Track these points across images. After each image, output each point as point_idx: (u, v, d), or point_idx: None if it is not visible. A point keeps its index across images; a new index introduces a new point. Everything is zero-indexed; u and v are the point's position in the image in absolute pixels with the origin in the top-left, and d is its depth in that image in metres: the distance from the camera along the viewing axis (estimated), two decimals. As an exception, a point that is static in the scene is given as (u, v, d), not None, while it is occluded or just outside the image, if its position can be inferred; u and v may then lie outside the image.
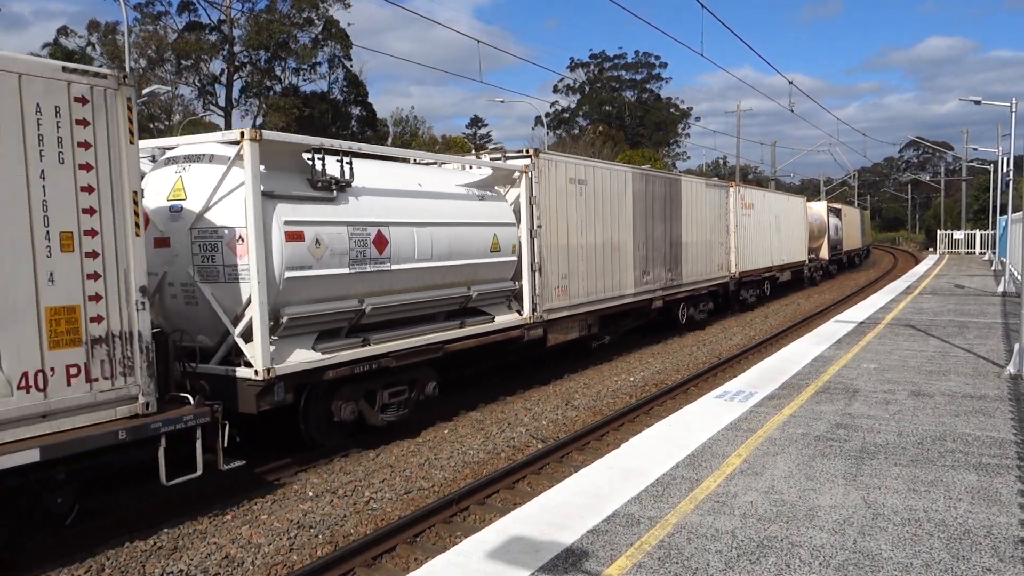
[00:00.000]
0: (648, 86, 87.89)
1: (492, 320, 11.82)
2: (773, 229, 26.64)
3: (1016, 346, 10.22)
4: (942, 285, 24.51)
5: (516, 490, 8.37)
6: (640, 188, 16.52)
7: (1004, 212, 32.18)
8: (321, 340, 9.05)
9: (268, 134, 8.32)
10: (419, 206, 10.35)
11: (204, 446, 7.20)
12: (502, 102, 62.21)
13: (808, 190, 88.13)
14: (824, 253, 36.48)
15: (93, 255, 6.44)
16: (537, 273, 12.56)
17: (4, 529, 6.25)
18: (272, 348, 8.23)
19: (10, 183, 5.87)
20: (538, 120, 79.27)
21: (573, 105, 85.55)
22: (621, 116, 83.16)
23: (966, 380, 9.70)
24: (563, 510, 5.64)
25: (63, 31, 43.14)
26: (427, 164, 12.61)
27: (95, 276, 6.45)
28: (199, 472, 7.13)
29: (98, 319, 6.47)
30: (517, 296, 12.47)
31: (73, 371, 6.29)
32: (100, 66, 40.88)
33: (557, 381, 13.89)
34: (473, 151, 53.14)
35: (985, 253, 45.67)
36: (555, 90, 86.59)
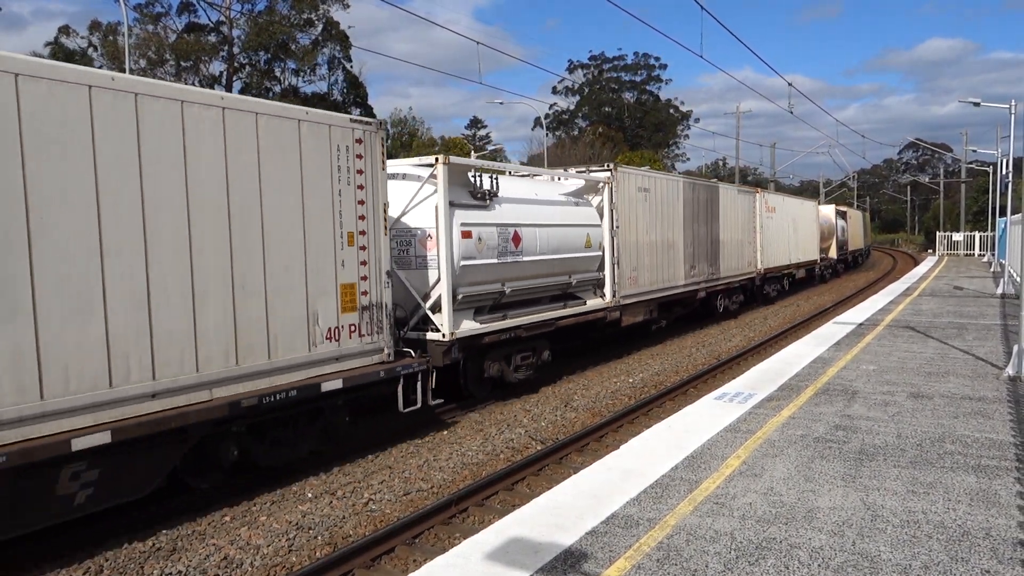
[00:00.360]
0: (647, 87, 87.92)
1: (584, 303, 14.46)
2: (791, 230, 29.24)
3: (1015, 348, 10.22)
4: (941, 287, 24.53)
5: (515, 491, 8.37)
6: (688, 194, 19.27)
7: (1003, 214, 32.21)
8: (477, 314, 11.81)
9: (453, 159, 11.13)
10: (537, 211, 13.19)
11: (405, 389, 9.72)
12: (501, 103, 62.24)
13: (807, 191, 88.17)
14: (833, 252, 38.78)
15: (363, 248, 9.20)
16: (616, 265, 15.27)
17: (312, 439, 8.90)
18: (447, 320, 10.84)
19: (324, 200, 8.68)
20: (537, 121, 79.32)
21: (572, 107, 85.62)
22: (620, 117, 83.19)
23: (965, 382, 9.71)
24: (562, 511, 5.64)
25: (64, 30, 43.15)
26: (522, 176, 15.32)
27: (364, 263, 9.21)
28: (419, 405, 9.87)
29: (365, 293, 9.23)
30: (600, 284, 15.17)
31: (352, 329, 9.04)
32: (100, 67, 40.86)
33: (556, 382, 13.89)
34: (472, 152, 53.14)
35: (984, 255, 45.71)
36: (554, 91, 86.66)
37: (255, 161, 7.84)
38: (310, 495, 8.14)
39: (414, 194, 11.00)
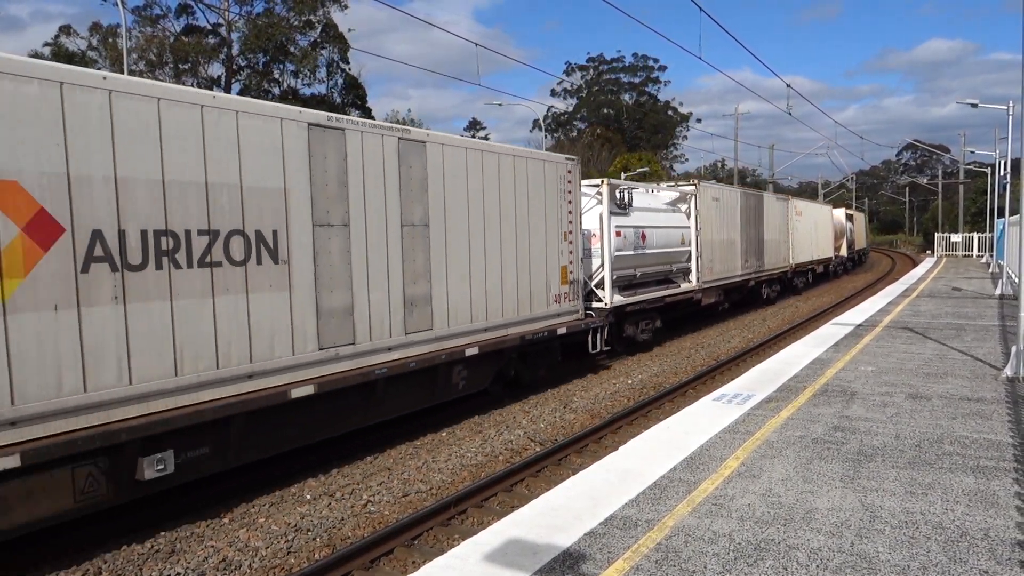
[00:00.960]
0: (646, 89, 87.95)
1: (679, 287, 19.26)
2: (813, 231, 34.06)
3: (1014, 349, 10.23)
4: (939, 288, 24.54)
5: (514, 493, 8.37)
6: (743, 202, 24.26)
7: (1002, 215, 32.24)
8: (620, 291, 16.36)
9: (611, 180, 16.15)
10: (654, 216, 18.08)
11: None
12: (500, 105, 62.18)
13: (806, 193, 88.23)
14: (844, 251, 43.53)
15: (570, 243, 13.62)
16: (700, 258, 20.02)
17: (544, 366, 13.52)
18: (608, 294, 15.66)
19: (553, 210, 13.02)
20: (536, 123, 79.35)
21: (571, 108, 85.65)
22: (619, 119, 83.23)
23: (964, 383, 9.71)
24: (561, 513, 5.63)
25: (65, 30, 43.08)
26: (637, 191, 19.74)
27: (571, 252, 13.64)
28: (598, 349, 14.44)
29: (571, 272, 13.66)
30: (687, 272, 19.87)
31: (565, 296, 13.49)
32: (100, 67, 40.83)
33: (555, 384, 13.89)
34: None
35: (983, 256, 45.74)
36: (552, 94, 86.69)
37: (526, 188, 12.37)
38: (309, 496, 8.13)
39: (585, 205, 15.29)
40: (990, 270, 33.14)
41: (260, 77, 45.40)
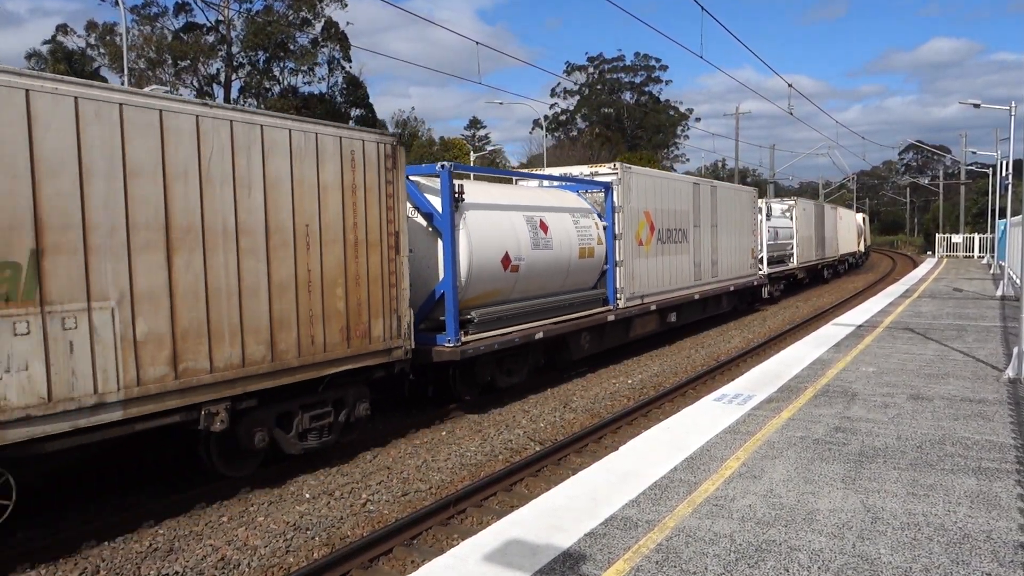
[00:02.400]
0: (647, 88, 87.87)
1: (787, 266, 29.10)
2: (847, 230, 45.06)
3: (1015, 350, 10.20)
4: (941, 288, 24.51)
5: (514, 493, 8.34)
6: (815, 211, 34.99)
7: (1003, 216, 32.19)
8: (769, 265, 27.89)
9: (801, 201, 32.79)
10: (777, 220, 29.83)
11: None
12: (501, 104, 62.22)
13: (807, 193, 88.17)
14: (861, 246, 54.11)
15: (755, 233, 24.98)
16: (796, 247, 30.56)
17: (745, 299, 24.22)
18: (764, 267, 27.16)
19: (746, 215, 24.01)
20: (536, 123, 79.32)
21: (572, 108, 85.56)
22: (620, 118, 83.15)
23: (965, 384, 9.69)
24: (560, 513, 5.61)
25: (63, 29, 43.03)
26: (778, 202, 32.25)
27: (755, 239, 25.17)
28: (766, 296, 26.93)
29: (755, 252, 24.77)
30: (790, 256, 30.17)
31: (752, 265, 24.53)
32: (98, 67, 40.71)
33: (555, 383, 13.86)
34: (472, 152, 53.10)
35: (984, 257, 45.70)
36: (552, 94, 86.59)
37: (736, 206, 22.16)
38: (308, 496, 8.11)
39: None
40: (991, 271, 33.10)
41: (260, 75, 45.36)
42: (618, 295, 15.13)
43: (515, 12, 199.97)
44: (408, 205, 10.25)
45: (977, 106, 24.91)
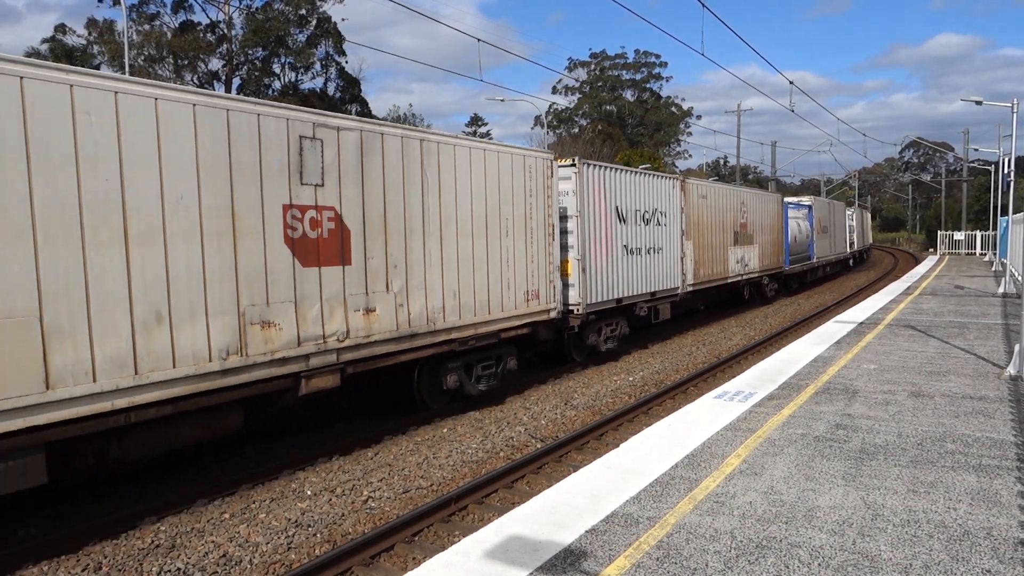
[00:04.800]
0: (648, 86, 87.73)
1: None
2: (861, 227, 51.32)
3: (1016, 347, 10.20)
4: (942, 286, 24.49)
5: (515, 489, 8.35)
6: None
7: (1005, 213, 32.15)
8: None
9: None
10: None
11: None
12: (502, 101, 62.12)
13: (808, 190, 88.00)
14: (870, 240, 62.46)
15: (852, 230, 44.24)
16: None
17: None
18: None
19: (842, 218, 44.02)
20: (537, 120, 79.16)
21: (573, 104, 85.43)
22: (621, 115, 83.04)
23: (966, 381, 9.69)
24: (561, 510, 5.62)
25: (61, 29, 42.95)
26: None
27: (853, 232, 45.93)
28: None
29: (854, 243, 47.81)
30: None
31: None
32: (99, 64, 40.70)
33: (556, 380, 13.88)
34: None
35: (986, 254, 45.64)
36: (554, 91, 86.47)
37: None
38: (309, 492, 8.13)
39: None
40: (993, 268, 33.07)
41: (260, 72, 45.31)
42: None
43: (518, 7, 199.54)
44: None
45: (979, 103, 24.86)
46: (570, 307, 14.02)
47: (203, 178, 7.41)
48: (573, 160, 14.10)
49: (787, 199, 30.88)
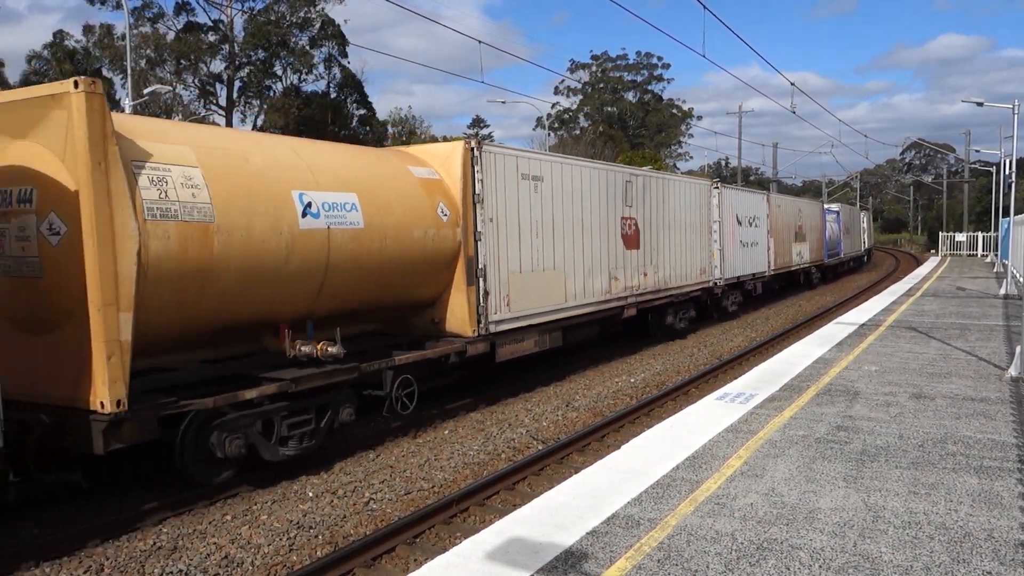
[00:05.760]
0: (649, 87, 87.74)
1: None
2: (867, 229, 55.05)
3: (1018, 348, 10.20)
4: (944, 287, 24.48)
5: (516, 491, 8.36)
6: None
7: (1006, 214, 32.12)
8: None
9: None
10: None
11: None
12: (503, 103, 62.18)
13: (810, 191, 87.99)
14: (869, 243, 65.77)
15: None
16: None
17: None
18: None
19: (856, 222, 49.97)
20: (539, 121, 79.19)
21: (575, 106, 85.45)
22: (623, 117, 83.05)
23: (967, 383, 9.68)
24: (563, 511, 5.63)
25: (59, 35, 42.94)
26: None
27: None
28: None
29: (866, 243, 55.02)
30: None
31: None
32: (99, 68, 40.77)
33: (558, 382, 13.88)
34: None
35: (987, 255, 45.61)
36: (556, 91, 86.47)
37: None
38: (311, 494, 8.13)
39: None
40: (995, 270, 33.05)
41: (261, 74, 45.35)
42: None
43: (520, 8, 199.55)
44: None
45: (980, 105, 24.86)
46: (715, 281, 20.64)
47: (597, 204, 14.87)
48: (717, 183, 21.47)
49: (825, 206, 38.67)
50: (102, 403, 6.61)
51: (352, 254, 9.27)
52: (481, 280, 11.30)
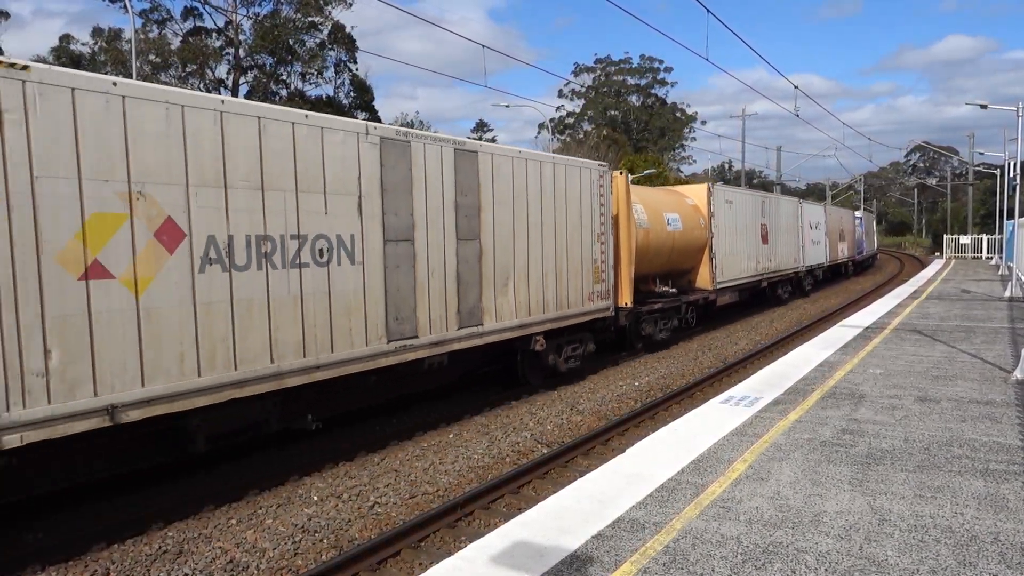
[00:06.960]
0: (653, 91, 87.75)
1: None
2: (872, 233, 57.83)
3: (1023, 351, 10.16)
4: (948, 290, 24.42)
5: (521, 495, 8.36)
6: (869, 218, 54.70)
7: (1011, 216, 32.07)
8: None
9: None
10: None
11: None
12: (507, 106, 62.19)
13: (814, 194, 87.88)
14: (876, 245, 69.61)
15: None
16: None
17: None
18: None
19: (851, 223, 45.80)
20: (542, 125, 79.31)
21: (578, 110, 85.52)
22: (627, 120, 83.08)
23: (973, 385, 9.66)
24: (567, 515, 5.62)
25: (66, 39, 43.18)
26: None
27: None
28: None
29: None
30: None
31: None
32: (107, 71, 40.98)
33: (563, 386, 13.88)
34: None
35: (992, 257, 45.49)
36: (560, 95, 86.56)
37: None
38: (316, 498, 8.15)
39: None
40: (999, 272, 32.96)
41: (268, 78, 45.50)
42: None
43: (524, 12, 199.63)
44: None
45: (984, 107, 24.83)
46: (799, 268, 28.73)
47: (752, 216, 23.10)
48: (800, 201, 29.93)
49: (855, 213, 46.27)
50: (626, 303, 15.45)
51: (677, 242, 18.61)
52: (714, 259, 20.42)
